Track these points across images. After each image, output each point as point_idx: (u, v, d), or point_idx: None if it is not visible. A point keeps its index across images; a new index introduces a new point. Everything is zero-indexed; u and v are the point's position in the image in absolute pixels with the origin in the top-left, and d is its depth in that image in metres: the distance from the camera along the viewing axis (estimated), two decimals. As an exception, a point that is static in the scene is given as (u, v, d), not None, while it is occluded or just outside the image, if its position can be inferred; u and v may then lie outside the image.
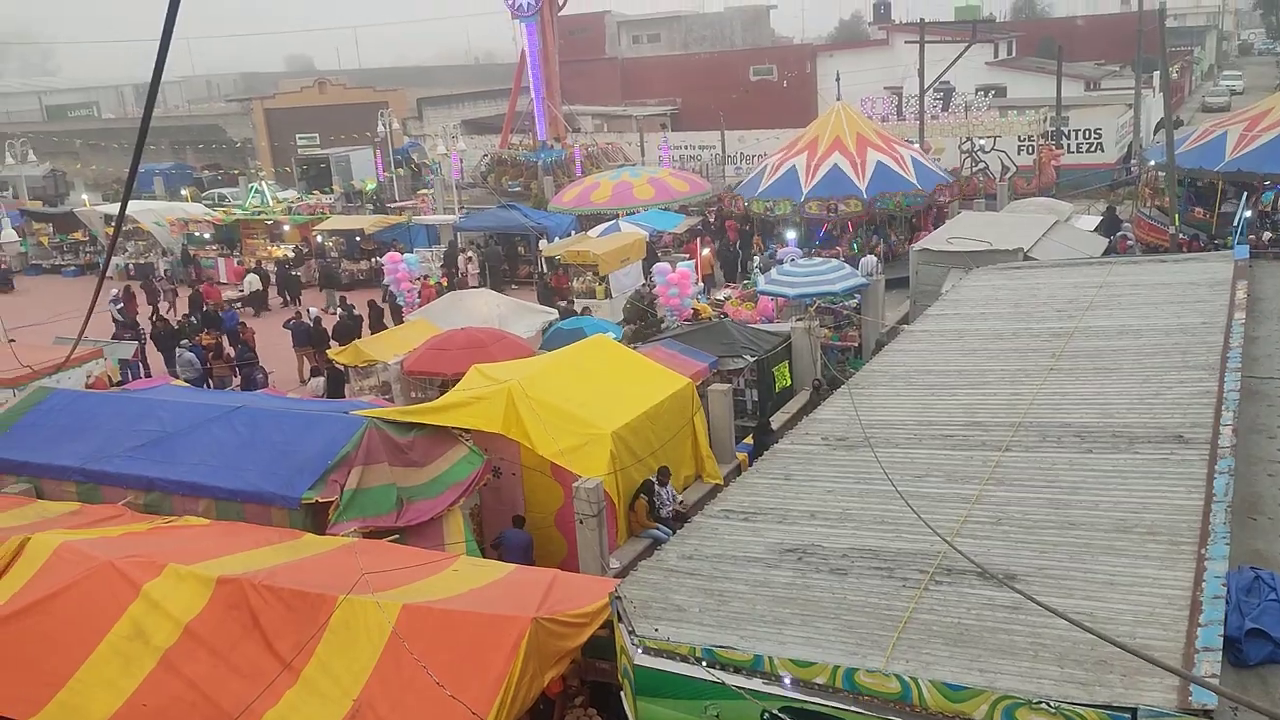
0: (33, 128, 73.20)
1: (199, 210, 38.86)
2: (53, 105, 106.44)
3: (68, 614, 9.37)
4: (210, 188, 52.12)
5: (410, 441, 12.90)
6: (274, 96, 65.37)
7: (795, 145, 30.17)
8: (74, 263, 39.38)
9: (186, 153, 67.67)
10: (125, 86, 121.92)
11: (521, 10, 42.73)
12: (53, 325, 23.96)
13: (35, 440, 13.84)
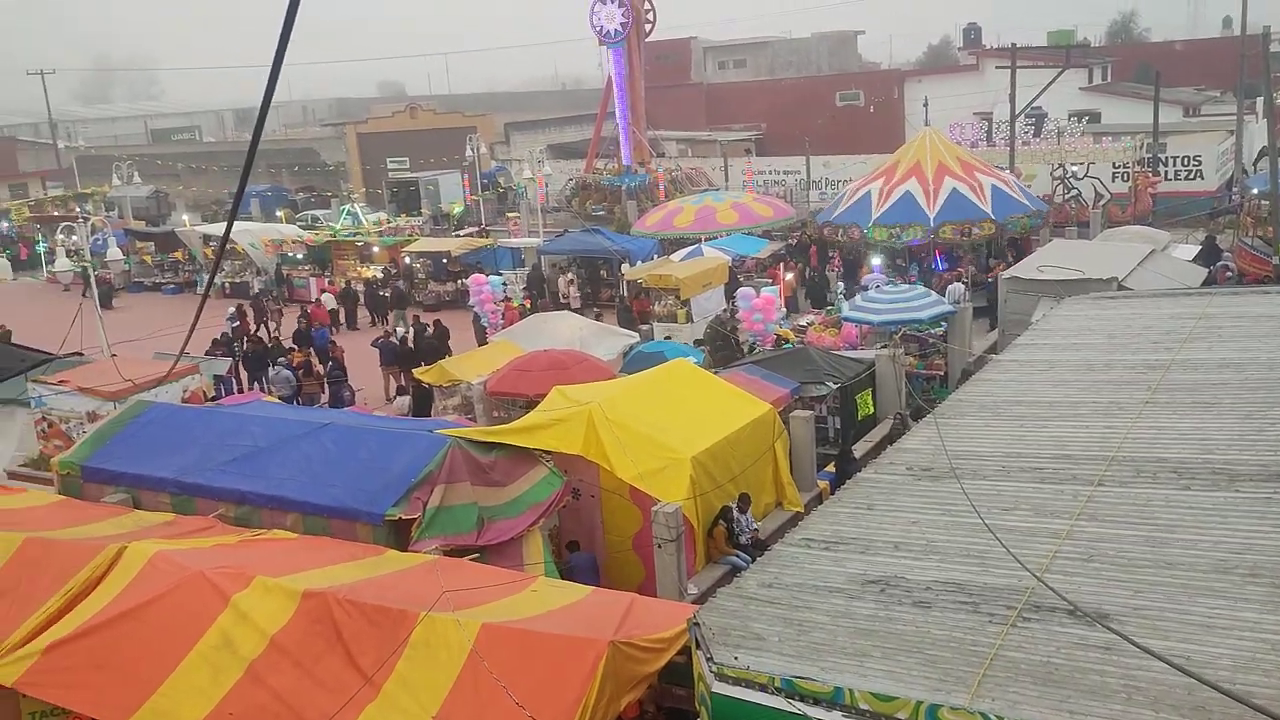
0: (138, 150, 76.19)
1: (293, 231, 39.98)
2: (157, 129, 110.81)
3: (160, 622, 9.63)
4: (304, 209, 53.61)
5: (492, 461, 13.01)
6: (366, 121, 67.08)
7: (875, 171, 29.96)
8: (173, 280, 40.77)
9: (282, 175, 69.76)
10: (226, 111, 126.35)
11: (609, 37, 43.23)
12: (152, 341, 24.84)
13: (133, 452, 14.31)
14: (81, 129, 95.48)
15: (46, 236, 45.75)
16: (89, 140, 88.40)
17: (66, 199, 58.38)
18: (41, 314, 33.95)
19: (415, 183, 51.68)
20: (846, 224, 28.21)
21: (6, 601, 10.43)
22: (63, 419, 17.27)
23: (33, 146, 77.42)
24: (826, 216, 29.42)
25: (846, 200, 29.27)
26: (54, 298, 38.92)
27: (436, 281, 34.36)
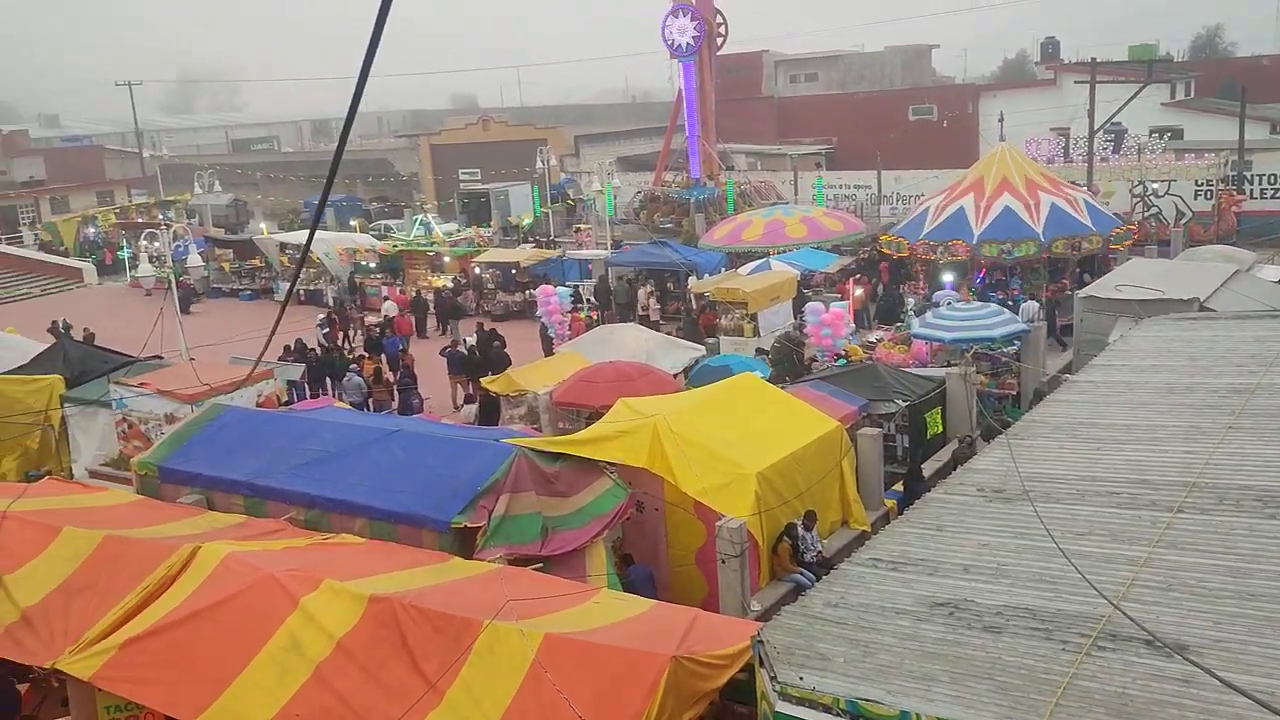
0: (219, 160, 78.22)
1: (366, 241, 40.65)
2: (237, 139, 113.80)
3: (231, 622, 9.81)
4: (377, 219, 54.51)
5: (557, 472, 13.07)
6: (440, 133, 68.06)
7: (959, 187, 29.41)
8: (250, 287, 41.69)
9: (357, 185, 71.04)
10: (303, 122, 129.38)
11: (680, 51, 43.33)
12: (229, 346, 25.43)
13: (208, 454, 14.64)
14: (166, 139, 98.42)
15: (130, 242, 47.18)
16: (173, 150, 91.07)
17: (150, 206, 60.11)
18: (124, 318, 34.99)
19: (486, 194, 52.27)
20: (947, 240, 27.62)
21: (86, 596, 10.71)
22: (142, 420, 17.71)
23: (120, 155, 79.91)
24: (912, 233, 28.85)
25: (934, 217, 28.70)
26: (136, 302, 40.07)
27: (505, 292, 34.68)
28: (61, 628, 10.38)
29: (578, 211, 50.29)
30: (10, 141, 78.85)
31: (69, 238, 55.17)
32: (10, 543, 11.55)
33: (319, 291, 38.07)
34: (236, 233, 50.06)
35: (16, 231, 57.98)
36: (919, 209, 30.77)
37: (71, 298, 43.49)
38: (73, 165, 73.33)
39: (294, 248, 40.44)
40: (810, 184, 44.76)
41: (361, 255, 38.42)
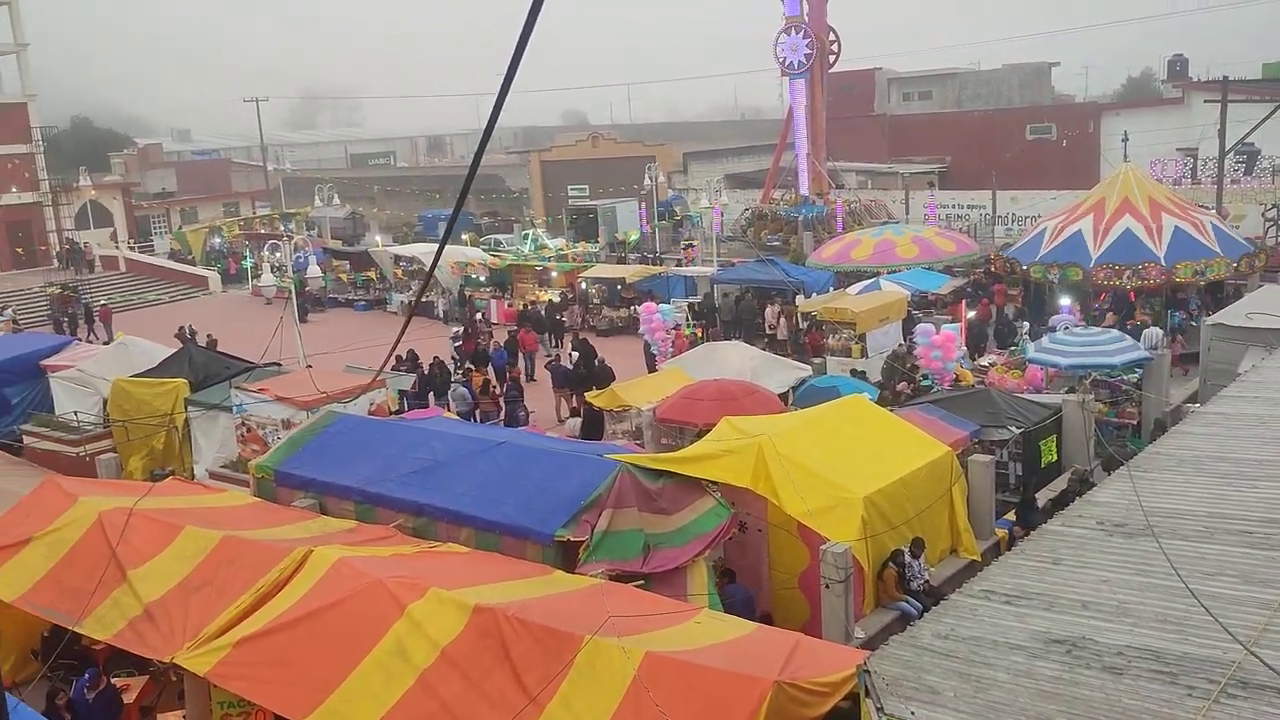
0: (338, 174, 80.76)
1: (477, 255, 41.41)
2: (356, 154, 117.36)
3: (340, 625, 10.03)
4: (488, 233, 55.52)
5: (660, 489, 13.03)
6: (550, 149, 69.01)
7: (1079, 208, 28.50)
8: (365, 298, 42.84)
9: (469, 200, 72.52)
10: (419, 138, 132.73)
11: (792, 68, 43.10)
12: (343, 354, 26.14)
13: (322, 460, 15.04)
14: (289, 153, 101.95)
15: (253, 252, 49.02)
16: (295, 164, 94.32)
17: (272, 218, 62.38)
18: (245, 325, 36.30)
19: (594, 210, 52.76)
20: (1064, 262, 26.83)
21: (204, 594, 11.09)
22: (260, 425, 18.30)
23: (245, 169, 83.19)
24: (1027, 255, 28.09)
25: (1051, 239, 27.88)
26: (257, 310, 41.57)
27: (610, 307, 34.91)
28: (181, 623, 10.77)
29: (684, 228, 50.37)
30: (145, 155, 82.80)
31: (196, 247, 57.62)
32: (136, 539, 12.05)
33: (430, 303, 38.91)
34: (353, 245, 51.53)
35: (149, 240, 60.75)
36: (1036, 230, 29.93)
37: (197, 305, 45.34)
38: (202, 178, 76.60)
39: (407, 260, 41.43)
40: (922, 203, 43.98)
41: (472, 269, 39.14)
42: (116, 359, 22.63)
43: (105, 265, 52.05)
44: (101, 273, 51.28)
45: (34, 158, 54.06)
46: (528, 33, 4.48)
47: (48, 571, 11.98)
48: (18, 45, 53.26)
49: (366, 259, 43.78)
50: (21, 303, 42.47)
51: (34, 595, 11.80)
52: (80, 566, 11.90)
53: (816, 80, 43.78)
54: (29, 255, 52.85)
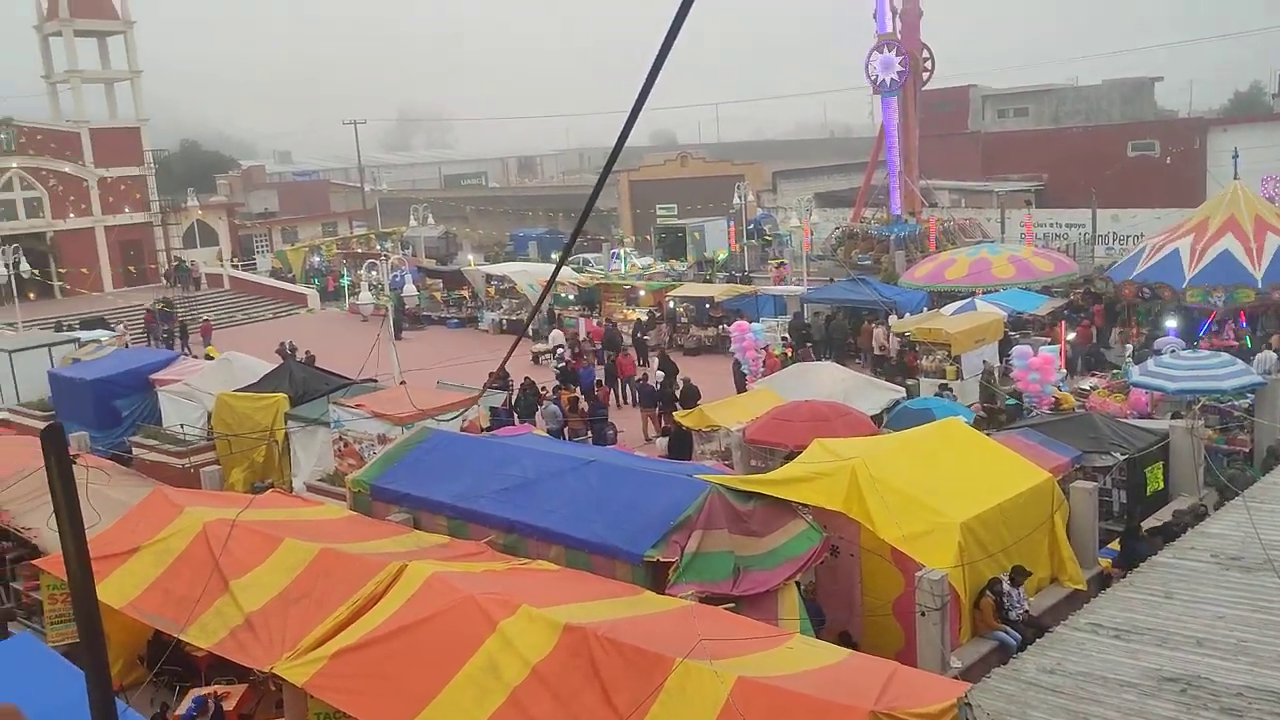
0: (432, 194, 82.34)
1: (565, 273, 41.76)
2: (449, 175, 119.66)
3: (433, 640, 10.13)
4: (576, 252, 55.97)
5: (750, 510, 12.91)
6: (639, 169, 69.37)
7: (1182, 227, 27.57)
8: (457, 315, 43.51)
9: (559, 220, 73.26)
10: (510, 159, 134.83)
11: (884, 86, 42.67)
12: (436, 370, 26.56)
13: (416, 475, 15.27)
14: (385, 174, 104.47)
15: (350, 271, 50.22)
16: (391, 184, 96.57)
17: (369, 237, 63.87)
18: (341, 341, 37.15)
19: (683, 229, 52.84)
20: (1153, 282, 26.00)
21: (302, 605, 11.31)
22: (357, 440, 18.66)
23: (344, 189, 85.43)
24: (1123, 274, 27.32)
25: (1148, 257, 27.07)
26: (353, 326, 42.52)
27: (698, 326, 34.85)
28: (280, 634, 11.00)
29: (773, 247, 50.11)
30: (249, 176, 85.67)
31: (297, 265, 59.29)
32: (238, 550, 12.36)
33: (519, 322, 39.34)
34: (446, 263, 52.42)
35: (251, 259, 62.72)
36: (1137, 249, 29.09)
37: (297, 321, 46.59)
38: (302, 198, 78.88)
39: (499, 278, 42.00)
40: (1018, 222, 43.02)
41: (560, 287, 39.47)
42: (221, 374, 23.33)
43: (211, 283, 53.89)
44: (207, 290, 53.08)
45: (146, 180, 56.30)
46: (666, 50, 4.43)
47: (155, 579, 12.37)
48: (131, 72, 55.60)
49: (459, 277, 44.48)
50: (134, 319, 44.17)
51: (142, 602, 12.18)
52: (185, 575, 12.25)
53: (909, 98, 43.27)
54: (140, 273, 54.99)
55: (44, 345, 28.39)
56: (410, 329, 40.75)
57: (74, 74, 53.95)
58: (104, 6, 54.54)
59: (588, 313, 38.55)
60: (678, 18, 4.29)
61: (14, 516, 15.97)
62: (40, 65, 55.81)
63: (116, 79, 56.41)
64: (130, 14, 55.05)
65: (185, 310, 46.73)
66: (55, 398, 25.82)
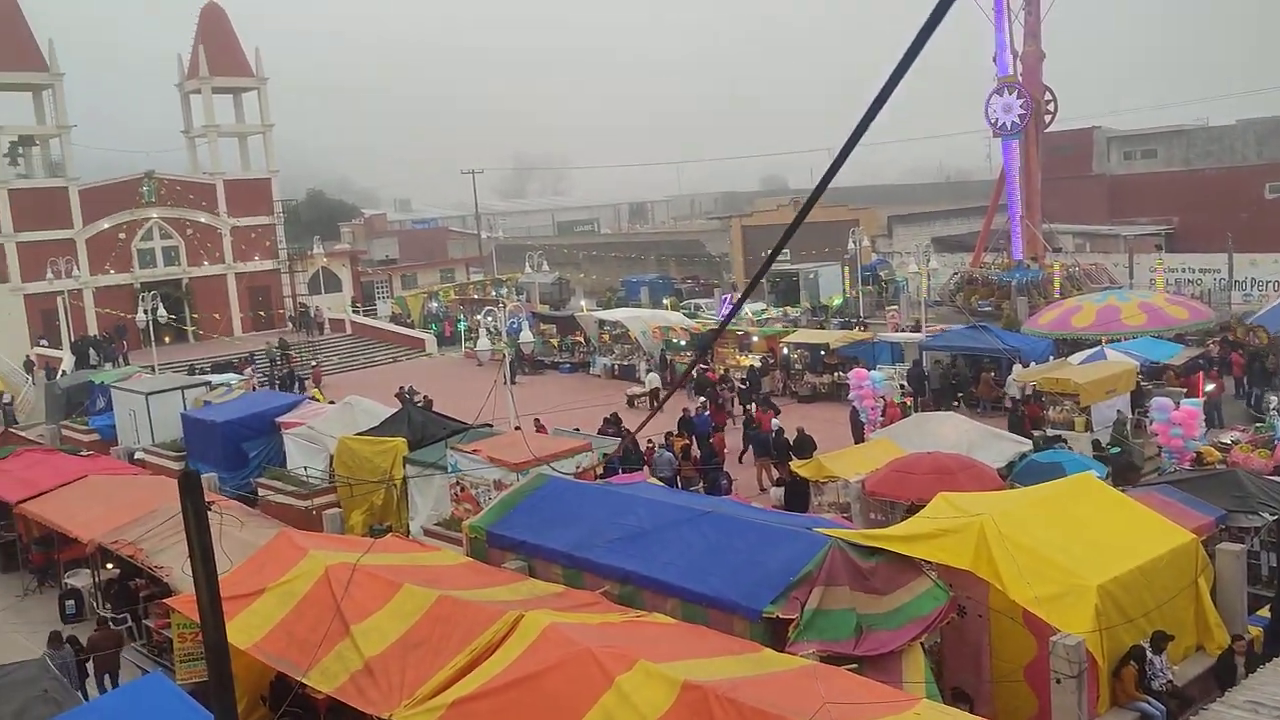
0: (545, 241, 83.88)
1: (678, 319, 41.79)
2: (562, 221, 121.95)
3: (550, 693, 10.01)
4: (688, 298, 56.06)
5: (873, 567, 12.51)
6: (750, 214, 69.38)
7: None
8: (569, 360, 43.90)
9: (670, 265, 73.64)
10: (621, 205, 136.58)
11: (1005, 129, 41.82)
12: (550, 416, 26.77)
13: (532, 522, 15.27)
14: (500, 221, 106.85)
15: (467, 316, 51.27)
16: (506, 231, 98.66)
17: (485, 284, 65.21)
18: (458, 386, 37.83)
19: (795, 274, 52.47)
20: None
21: (420, 652, 11.35)
22: (473, 485, 18.84)
23: (460, 236, 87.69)
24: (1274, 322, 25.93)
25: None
26: (469, 371, 43.31)
27: (813, 373, 34.36)
28: (399, 680, 11.04)
29: (889, 293, 49.33)
30: (371, 224, 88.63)
31: (415, 311, 60.87)
32: (359, 594, 12.50)
33: (631, 367, 39.46)
34: (559, 309, 53.09)
35: (372, 304, 64.64)
36: (1281, 296, 27.67)
37: (415, 366, 47.66)
38: (421, 245, 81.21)
39: (611, 324, 42.28)
40: (1148, 267, 41.45)
41: (674, 333, 39.48)
42: (342, 417, 23.92)
43: (333, 327, 55.66)
44: (330, 334, 54.84)
45: (274, 228, 58.74)
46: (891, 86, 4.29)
47: (279, 621, 12.59)
48: (264, 126, 58.29)
49: (572, 323, 44.94)
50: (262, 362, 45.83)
51: (266, 644, 12.40)
52: (308, 618, 12.43)
53: (1031, 140, 42.32)
54: (267, 318, 57.19)
55: (178, 388, 29.59)
56: (527, 374, 41.25)
57: (211, 128, 56.82)
58: (239, 65, 57.44)
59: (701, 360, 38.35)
60: (904, 59, 4.13)
61: (148, 555, 16.53)
62: (181, 121, 58.95)
63: (250, 133, 59.19)
64: (264, 71, 57.82)
65: (310, 354, 48.34)
66: (187, 439, 26.83)
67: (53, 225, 51.24)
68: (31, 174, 53.64)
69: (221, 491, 21.49)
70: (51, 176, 53.27)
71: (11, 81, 51.42)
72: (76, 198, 52.06)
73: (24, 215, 50.50)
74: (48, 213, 51.16)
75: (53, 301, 48.77)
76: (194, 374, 37.45)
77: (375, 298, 66.04)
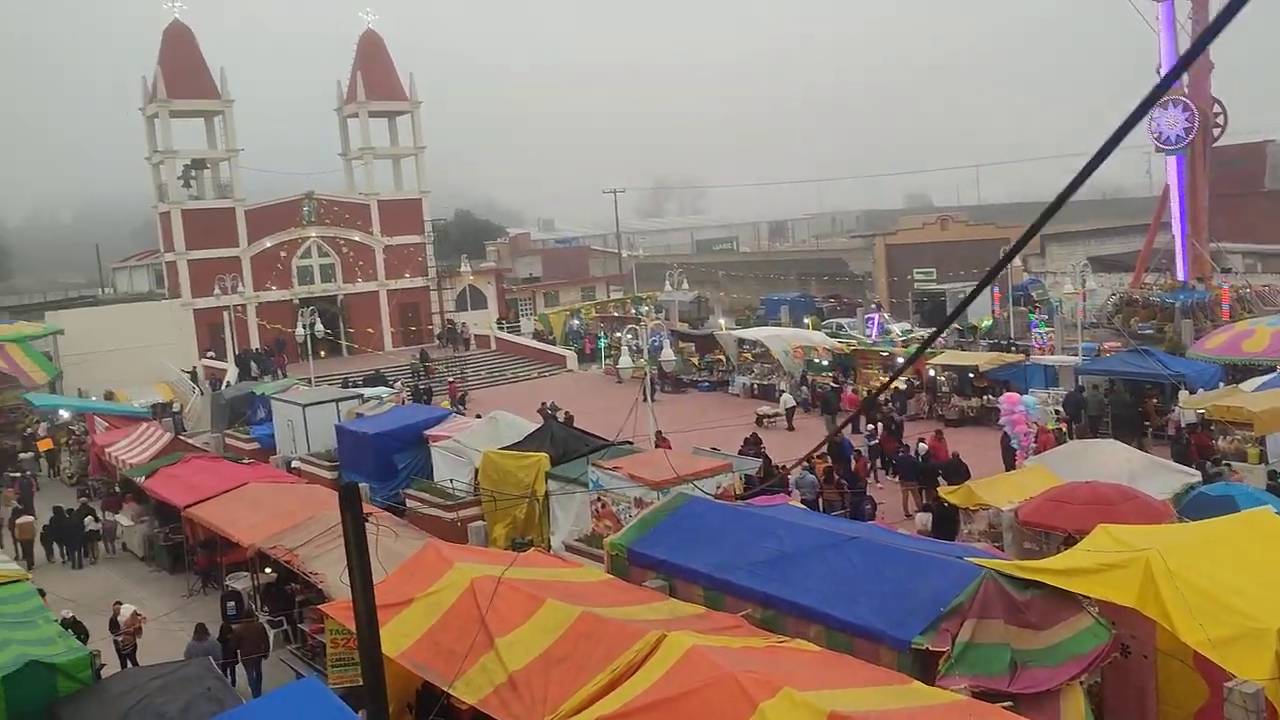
0: (684, 259, 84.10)
1: (820, 339, 41.22)
2: (701, 240, 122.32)
3: (692, 716, 9.85)
4: (829, 317, 55.32)
5: (1029, 600, 11.96)
6: (895, 233, 68.03)
7: None
8: (708, 379, 43.79)
9: (811, 284, 72.87)
10: (761, 223, 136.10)
11: (1169, 143, 39.84)
12: (689, 434, 26.72)
13: (673, 541, 15.20)
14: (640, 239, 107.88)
15: (607, 334, 51.81)
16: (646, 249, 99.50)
17: (625, 302, 65.81)
18: (598, 402, 38.25)
19: (942, 294, 51.14)
20: None
21: (563, 668, 11.40)
22: (614, 501, 18.90)
23: (601, 255, 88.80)
24: None
25: None
26: (609, 388, 43.77)
27: (960, 396, 33.35)
28: (541, 695, 11.10)
29: (1042, 314, 47.56)
30: (516, 243, 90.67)
31: (557, 328, 61.91)
32: (503, 607, 12.65)
33: (771, 386, 39.09)
34: (698, 327, 53.11)
35: (516, 321, 66.05)
36: None
37: (556, 382, 48.40)
38: (564, 264, 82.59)
39: (750, 343, 42.02)
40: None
41: (814, 353, 38.96)
42: (487, 431, 24.43)
43: (479, 343, 57.07)
44: (475, 350, 56.24)
45: (424, 247, 60.72)
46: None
47: (426, 631, 12.85)
48: (416, 148, 60.40)
49: (711, 341, 44.86)
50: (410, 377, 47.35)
51: (413, 653, 12.67)
52: (454, 629, 12.65)
53: (1197, 155, 40.20)
54: (416, 333, 59.10)
55: (332, 400, 30.80)
56: (668, 392, 41.33)
57: (367, 151, 59.21)
58: (395, 90, 59.71)
59: (842, 380, 37.76)
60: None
61: (304, 561, 17.17)
62: (339, 144, 61.62)
63: (403, 155, 61.42)
64: (417, 96, 59.94)
65: (458, 368, 49.65)
66: (340, 450, 27.86)
67: (220, 244, 54.23)
68: (202, 195, 56.94)
69: (372, 501, 22.18)
70: (220, 198, 56.38)
71: (188, 108, 54.70)
72: (243, 218, 54.97)
73: (195, 235, 53.59)
74: (216, 232, 54.19)
75: (219, 316, 51.53)
76: (347, 387, 38.93)
77: (519, 314, 67.44)
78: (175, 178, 54.28)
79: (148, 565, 25.12)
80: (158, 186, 54.64)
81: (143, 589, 22.90)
